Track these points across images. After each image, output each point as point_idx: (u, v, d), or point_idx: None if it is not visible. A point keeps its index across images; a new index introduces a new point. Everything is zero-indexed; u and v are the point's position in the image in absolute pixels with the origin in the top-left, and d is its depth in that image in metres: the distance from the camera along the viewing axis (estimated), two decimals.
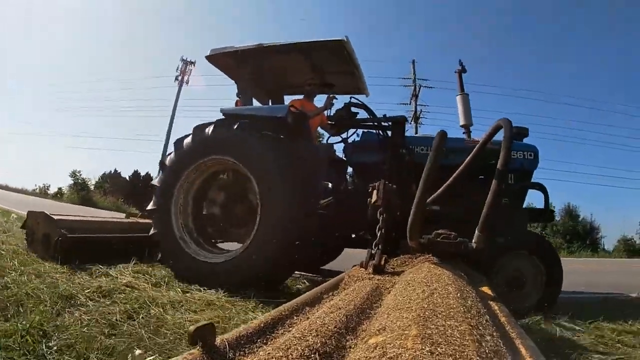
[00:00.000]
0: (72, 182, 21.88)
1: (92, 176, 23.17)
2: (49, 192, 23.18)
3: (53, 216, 3.42)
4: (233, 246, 3.43)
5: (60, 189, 22.76)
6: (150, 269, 3.24)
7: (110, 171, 26.37)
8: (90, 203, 17.64)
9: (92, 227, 3.81)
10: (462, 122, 4.04)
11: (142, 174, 25.95)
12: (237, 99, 3.90)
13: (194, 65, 26.39)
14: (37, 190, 23.27)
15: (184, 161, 3.34)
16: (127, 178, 25.70)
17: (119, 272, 2.93)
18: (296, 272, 3.70)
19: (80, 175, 22.00)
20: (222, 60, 3.82)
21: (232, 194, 3.56)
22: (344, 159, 3.91)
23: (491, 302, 1.40)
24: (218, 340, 0.84)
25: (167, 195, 3.33)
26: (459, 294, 1.16)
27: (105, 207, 16.46)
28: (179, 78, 25.69)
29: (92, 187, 22.41)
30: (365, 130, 3.82)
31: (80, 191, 20.87)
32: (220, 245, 3.62)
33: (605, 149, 52.84)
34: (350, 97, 3.93)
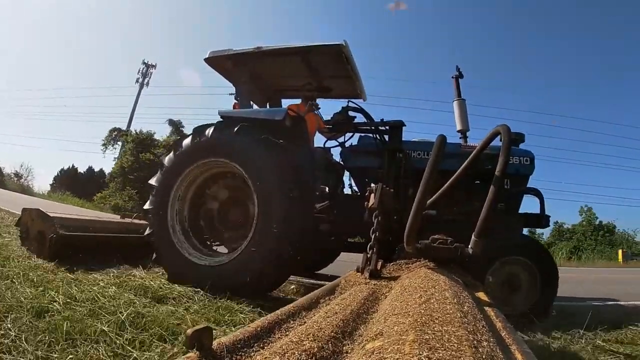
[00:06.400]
0: None
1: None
2: None
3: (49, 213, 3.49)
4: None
5: None
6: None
7: (69, 167, 31.77)
8: (2, 186, 22.93)
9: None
10: (458, 127, 4.07)
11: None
12: (235, 101, 3.90)
13: (155, 68, 27.18)
14: None
15: (185, 160, 3.34)
16: (82, 172, 31.42)
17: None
18: (292, 276, 3.68)
19: None
20: (221, 62, 3.82)
21: (231, 197, 3.54)
22: (341, 163, 3.91)
23: (488, 308, 1.41)
24: (215, 343, 0.84)
25: (165, 192, 3.33)
26: (455, 300, 1.16)
27: (11, 188, 21.68)
28: (140, 80, 26.51)
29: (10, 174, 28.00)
30: (363, 135, 3.83)
31: None
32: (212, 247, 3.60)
33: None
34: (348, 101, 3.94)
